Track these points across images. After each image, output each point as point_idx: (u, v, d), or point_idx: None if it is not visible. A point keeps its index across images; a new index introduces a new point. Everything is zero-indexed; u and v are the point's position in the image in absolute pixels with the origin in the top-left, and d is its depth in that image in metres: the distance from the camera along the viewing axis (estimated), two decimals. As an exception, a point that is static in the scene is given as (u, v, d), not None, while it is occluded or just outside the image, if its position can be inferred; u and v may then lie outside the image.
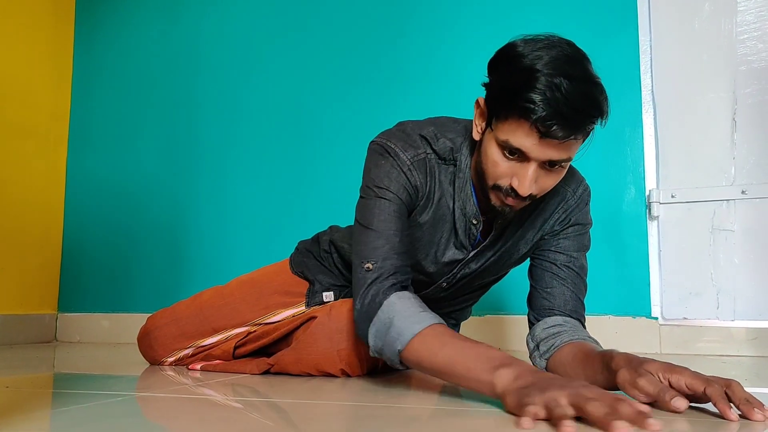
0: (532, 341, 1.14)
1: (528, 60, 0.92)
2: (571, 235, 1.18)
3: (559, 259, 1.17)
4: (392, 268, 1.03)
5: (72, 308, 2.47)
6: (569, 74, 0.91)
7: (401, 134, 1.12)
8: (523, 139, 0.93)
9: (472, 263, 1.19)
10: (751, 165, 1.84)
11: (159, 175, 2.43)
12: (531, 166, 0.96)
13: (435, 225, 1.14)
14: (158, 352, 1.38)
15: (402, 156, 1.09)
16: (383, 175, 1.10)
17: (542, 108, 0.89)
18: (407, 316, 0.96)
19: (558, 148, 0.94)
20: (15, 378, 1.20)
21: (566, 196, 1.17)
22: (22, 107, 2.35)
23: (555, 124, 0.90)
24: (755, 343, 1.78)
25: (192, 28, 2.46)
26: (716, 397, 0.75)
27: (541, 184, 1.00)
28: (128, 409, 0.80)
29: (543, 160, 0.95)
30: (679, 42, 1.94)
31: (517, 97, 0.91)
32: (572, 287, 1.15)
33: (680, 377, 0.80)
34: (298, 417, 0.77)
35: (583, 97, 0.91)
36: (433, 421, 0.75)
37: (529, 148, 0.94)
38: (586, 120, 0.93)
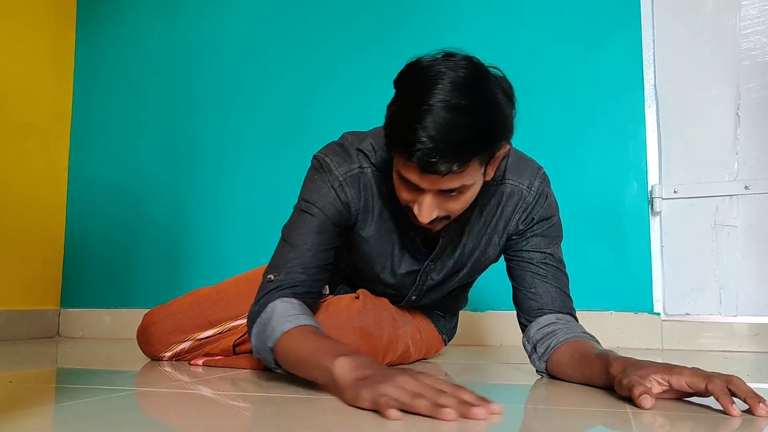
0: (528, 343, 1.14)
1: (415, 91, 0.89)
2: (538, 231, 1.17)
3: (534, 258, 1.16)
4: (292, 281, 1.06)
5: (74, 304, 2.47)
6: (453, 105, 0.87)
7: (339, 149, 1.13)
8: (409, 173, 0.93)
9: (433, 274, 1.21)
10: (754, 160, 1.84)
11: (160, 173, 2.43)
12: (426, 196, 0.95)
13: (382, 237, 1.15)
14: (156, 347, 1.39)
15: (335, 172, 1.10)
16: (313, 190, 1.12)
17: (420, 145, 0.86)
18: (283, 316, 0.99)
19: (445, 180, 0.91)
20: (18, 373, 1.20)
21: (522, 194, 1.15)
22: (24, 105, 2.35)
23: (433, 160, 0.87)
24: (757, 338, 1.77)
25: (192, 27, 2.46)
26: (718, 392, 0.75)
27: (448, 208, 0.98)
28: (130, 404, 0.80)
29: (434, 190, 0.94)
30: (682, 37, 1.93)
31: (401, 132, 0.90)
32: (555, 282, 1.15)
33: (680, 377, 0.80)
34: (297, 412, 0.77)
35: (465, 128, 0.87)
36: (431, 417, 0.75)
37: (417, 181, 0.93)
38: (469, 150, 0.89)
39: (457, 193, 0.96)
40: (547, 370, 1.10)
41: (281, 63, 2.33)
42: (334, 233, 1.11)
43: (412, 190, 0.97)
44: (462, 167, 0.89)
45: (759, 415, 0.73)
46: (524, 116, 2.12)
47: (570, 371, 1.03)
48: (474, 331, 1.99)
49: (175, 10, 2.49)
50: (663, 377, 0.81)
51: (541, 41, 2.04)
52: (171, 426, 0.69)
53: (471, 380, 1.15)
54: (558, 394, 0.93)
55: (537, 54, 2.04)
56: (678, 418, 0.73)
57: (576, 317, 1.15)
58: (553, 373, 1.08)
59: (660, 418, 0.73)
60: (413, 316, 1.36)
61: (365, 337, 1.18)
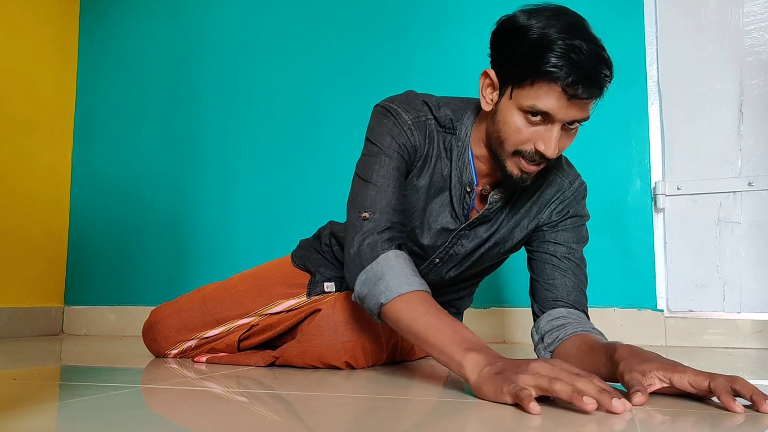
0: (536, 333, 1.15)
1: (541, 28, 0.95)
2: (569, 226, 1.19)
3: (559, 251, 1.18)
4: (388, 222, 1.06)
5: (78, 301, 2.48)
6: (583, 37, 0.94)
7: (405, 98, 1.16)
8: (552, 102, 0.96)
9: (464, 240, 1.21)
10: (757, 157, 1.83)
11: (163, 169, 2.43)
12: (556, 128, 0.99)
13: (430, 190, 1.17)
14: (162, 345, 1.39)
15: (404, 116, 1.12)
16: (385, 133, 1.13)
17: (568, 71, 0.93)
18: (399, 275, 0.99)
19: (581, 108, 0.98)
20: (22, 370, 1.21)
21: (563, 187, 1.19)
22: (28, 102, 2.36)
23: (581, 85, 0.94)
24: (761, 335, 1.77)
25: (195, 23, 2.46)
26: (720, 390, 0.75)
27: (563, 144, 1.04)
28: (134, 401, 0.80)
29: (568, 120, 0.99)
30: (685, 33, 1.93)
31: (540, 63, 0.94)
32: (574, 278, 1.16)
33: (682, 376, 0.80)
34: (302, 409, 0.77)
35: (600, 58, 0.95)
36: (435, 414, 0.75)
37: (557, 110, 0.97)
38: (605, 80, 0.97)
39: (576, 125, 1.02)
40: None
41: (284, 58, 2.33)
42: (405, 177, 1.14)
43: (536, 125, 1.00)
44: (600, 96, 0.98)
45: (765, 412, 0.72)
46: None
47: (575, 361, 1.03)
48: (477, 328, 1.99)
49: (178, 7, 2.49)
50: (665, 374, 0.81)
51: (543, 38, 2.03)
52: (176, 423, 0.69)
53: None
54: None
55: (540, 50, 2.03)
56: (681, 415, 0.73)
57: (588, 316, 1.15)
58: None
59: (663, 415, 0.73)
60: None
61: (371, 334, 1.18)
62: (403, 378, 1.08)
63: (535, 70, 0.96)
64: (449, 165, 1.16)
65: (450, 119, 1.15)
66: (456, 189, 1.16)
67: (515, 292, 1.99)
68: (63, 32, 2.55)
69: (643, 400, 0.77)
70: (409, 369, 1.22)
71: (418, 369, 1.22)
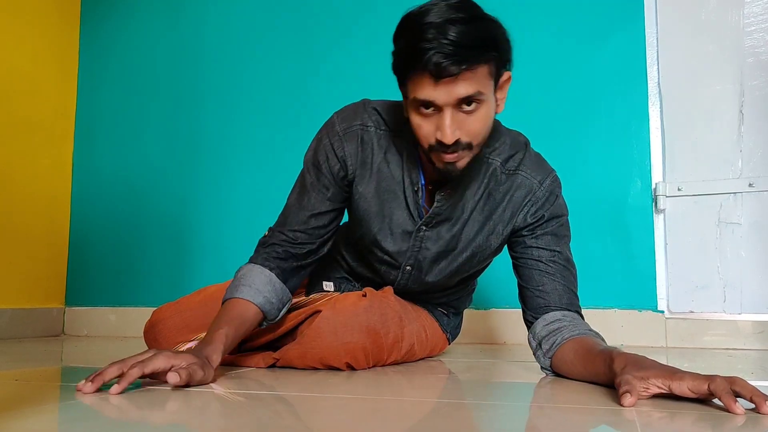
0: (534, 340, 1.15)
1: (415, 19, 0.98)
2: (549, 230, 1.18)
3: (544, 256, 1.17)
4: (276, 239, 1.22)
5: (79, 302, 2.48)
6: (452, 19, 0.96)
7: (352, 108, 1.22)
8: (426, 89, 0.99)
9: (428, 243, 1.22)
10: (758, 158, 1.83)
11: (164, 170, 2.43)
12: (446, 113, 1.00)
13: (381, 194, 1.20)
14: (162, 345, 1.39)
15: (337, 127, 1.20)
16: (311, 151, 1.24)
17: (429, 52, 0.95)
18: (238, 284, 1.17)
19: (458, 84, 0.97)
20: (23, 371, 1.21)
21: (533, 188, 1.18)
22: (29, 103, 2.36)
23: (444, 62, 0.94)
24: (762, 336, 1.77)
25: (196, 23, 2.46)
26: (720, 392, 0.75)
27: (467, 128, 1.03)
28: (135, 401, 0.81)
29: (452, 102, 0.99)
30: (685, 34, 1.93)
31: (410, 53, 0.98)
32: (563, 281, 1.15)
33: (681, 383, 0.80)
34: (302, 410, 0.77)
35: (467, 33, 0.96)
36: (435, 415, 0.75)
37: (435, 96, 0.99)
38: (476, 51, 0.97)
39: (474, 106, 1.01)
40: (552, 366, 1.10)
41: (285, 60, 2.33)
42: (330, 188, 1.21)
43: (431, 117, 1.02)
44: (471, 66, 0.97)
45: (765, 413, 0.72)
46: (528, 114, 2.13)
47: (574, 368, 1.03)
48: (478, 330, 1.99)
49: (179, 8, 2.49)
50: (664, 382, 0.81)
51: (544, 38, 2.04)
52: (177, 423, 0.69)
53: (476, 378, 1.15)
54: (562, 393, 0.93)
55: (540, 51, 2.04)
56: (682, 416, 0.73)
57: (582, 315, 1.15)
58: (558, 370, 1.08)
59: (664, 416, 0.73)
60: (418, 315, 1.36)
61: (371, 335, 1.18)
62: (403, 379, 1.08)
63: (407, 63, 1.00)
64: (400, 166, 1.18)
65: (400, 122, 1.18)
66: (408, 190, 1.18)
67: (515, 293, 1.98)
68: (64, 33, 2.55)
69: (632, 401, 0.77)
70: (409, 370, 1.22)
71: (417, 370, 1.22)
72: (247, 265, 1.21)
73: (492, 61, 1.01)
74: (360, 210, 1.23)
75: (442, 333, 1.46)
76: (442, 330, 1.46)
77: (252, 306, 1.15)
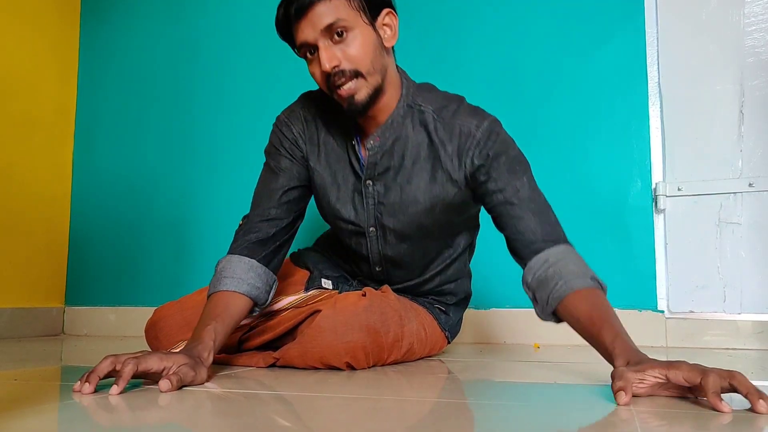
0: (528, 290, 1.15)
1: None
2: (502, 168, 1.19)
3: (507, 196, 1.18)
4: (251, 224, 1.26)
5: (79, 302, 2.48)
6: None
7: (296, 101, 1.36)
8: (296, 34, 1.13)
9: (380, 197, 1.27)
10: (758, 158, 1.83)
11: (164, 169, 2.43)
12: (320, 47, 1.11)
13: (331, 165, 1.29)
14: (163, 343, 1.39)
15: (281, 117, 1.34)
16: (269, 141, 1.35)
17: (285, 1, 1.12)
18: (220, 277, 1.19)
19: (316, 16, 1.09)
20: (23, 371, 1.21)
21: (471, 131, 1.21)
22: (29, 102, 2.36)
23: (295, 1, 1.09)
24: (762, 336, 1.77)
25: (196, 24, 2.46)
26: (708, 388, 0.75)
27: (345, 55, 1.12)
28: (135, 401, 0.81)
29: (318, 33, 1.10)
30: (685, 34, 1.93)
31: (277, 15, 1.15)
32: (533, 214, 1.16)
33: (677, 372, 0.81)
34: (303, 410, 0.77)
35: None
36: (435, 415, 0.75)
37: (302, 35, 1.12)
38: None
39: (340, 31, 1.11)
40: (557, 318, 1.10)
41: (286, 61, 2.33)
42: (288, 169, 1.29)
43: (314, 58, 1.14)
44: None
45: (759, 412, 0.72)
46: (528, 114, 2.13)
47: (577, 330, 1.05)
48: (478, 329, 1.99)
49: (179, 8, 2.49)
50: (660, 372, 0.82)
51: (544, 38, 2.04)
52: (176, 423, 0.69)
53: (475, 378, 1.15)
54: (563, 393, 0.93)
55: (540, 51, 2.03)
56: (681, 417, 0.73)
57: (565, 240, 1.15)
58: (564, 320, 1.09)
59: (663, 418, 0.73)
60: (417, 314, 1.36)
61: (372, 335, 1.18)
62: (403, 379, 1.08)
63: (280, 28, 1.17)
64: (341, 134, 1.28)
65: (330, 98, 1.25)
66: (350, 151, 1.27)
67: (516, 293, 1.98)
68: (64, 33, 2.55)
69: (626, 400, 0.78)
70: (408, 370, 1.22)
71: (417, 371, 1.22)
72: (226, 257, 1.24)
73: None
74: (317, 185, 1.31)
75: (441, 331, 1.46)
76: (441, 328, 1.46)
77: (238, 296, 1.17)
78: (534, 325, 1.90)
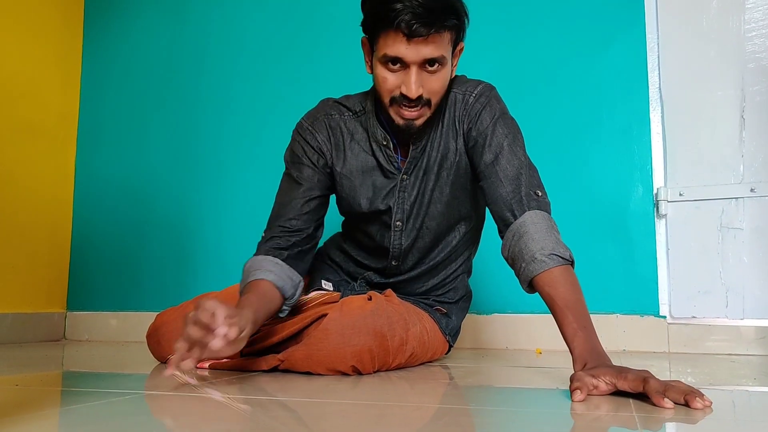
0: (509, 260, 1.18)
1: None
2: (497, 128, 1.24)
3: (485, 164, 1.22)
4: (272, 234, 1.28)
5: (80, 307, 2.48)
6: None
7: (314, 108, 1.38)
8: (396, 46, 1.11)
9: (411, 189, 1.32)
10: (759, 163, 1.83)
11: (167, 175, 2.44)
12: (412, 70, 1.13)
13: (361, 169, 1.32)
14: (165, 348, 1.39)
15: (304, 124, 1.34)
16: (288, 152, 1.36)
17: (403, 13, 1.07)
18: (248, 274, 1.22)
19: (427, 46, 1.11)
20: (24, 376, 1.21)
21: (466, 98, 1.27)
22: (32, 107, 2.37)
23: (415, 23, 1.07)
24: (764, 341, 1.77)
25: (199, 29, 2.47)
26: (651, 392, 0.82)
27: (429, 87, 1.16)
28: (136, 407, 0.80)
29: (418, 60, 1.12)
30: (686, 39, 1.93)
31: (383, 12, 1.10)
32: (507, 182, 1.19)
33: (624, 382, 0.88)
34: (307, 416, 0.77)
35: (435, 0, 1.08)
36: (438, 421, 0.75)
37: (403, 53, 1.11)
38: (442, 17, 1.10)
39: (437, 66, 1.14)
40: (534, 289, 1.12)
41: (289, 64, 2.33)
42: (312, 177, 1.31)
43: (397, 73, 1.15)
44: (439, 30, 1.10)
45: (695, 408, 0.78)
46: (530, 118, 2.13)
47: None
48: (479, 335, 1.99)
49: (182, 12, 2.50)
50: (611, 380, 0.89)
51: (546, 44, 2.04)
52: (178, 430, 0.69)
53: (477, 384, 1.15)
54: (565, 398, 0.93)
55: (542, 57, 2.04)
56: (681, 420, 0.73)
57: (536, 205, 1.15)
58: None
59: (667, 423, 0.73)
60: (420, 318, 1.36)
61: (378, 338, 1.18)
62: (406, 385, 1.08)
63: (379, 21, 1.11)
64: (368, 140, 1.31)
65: (359, 103, 1.33)
66: (378, 152, 1.30)
67: (517, 298, 1.98)
68: (67, 38, 2.56)
69: (581, 397, 0.85)
70: (411, 376, 1.22)
71: (420, 376, 1.22)
72: (252, 258, 1.26)
73: (454, 29, 1.15)
74: (345, 188, 1.34)
75: (443, 336, 1.46)
76: (442, 332, 1.46)
77: (269, 284, 1.19)
78: (536, 331, 1.90)
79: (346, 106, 1.35)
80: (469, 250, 1.49)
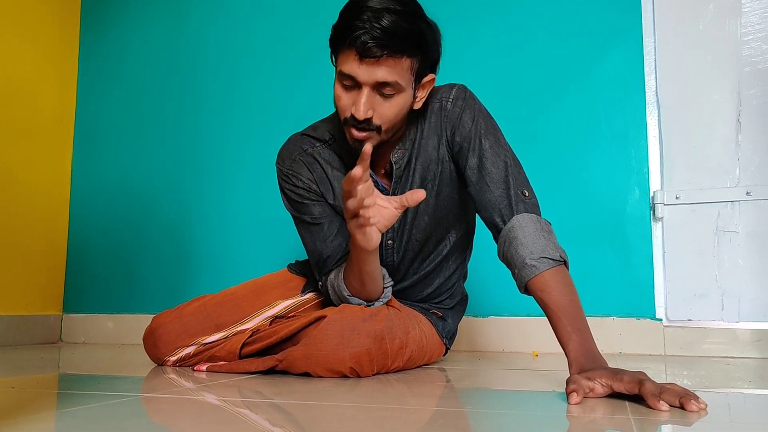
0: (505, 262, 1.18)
1: (358, 1, 1.09)
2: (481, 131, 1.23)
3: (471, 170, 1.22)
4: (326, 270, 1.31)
5: (77, 309, 2.48)
6: (390, 8, 1.07)
7: (283, 150, 1.36)
8: (351, 64, 1.10)
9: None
10: (755, 166, 1.84)
11: (164, 177, 2.44)
12: (364, 91, 1.11)
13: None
14: (161, 350, 1.39)
15: (284, 171, 1.33)
16: (286, 200, 1.35)
17: (361, 32, 1.06)
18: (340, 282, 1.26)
19: (380, 68, 1.09)
20: (20, 379, 1.21)
21: (442, 103, 1.26)
22: (28, 109, 2.36)
23: (370, 44, 1.06)
24: (760, 344, 1.77)
25: (196, 31, 2.47)
26: (646, 394, 0.83)
27: (380, 111, 1.13)
28: (133, 410, 0.80)
29: (371, 82, 1.10)
30: (683, 43, 1.94)
31: (345, 29, 1.09)
32: (494, 187, 1.19)
33: (620, 384, 0.88)
34: (304, 419, 0.77)
35: (398, 24, 1.06)
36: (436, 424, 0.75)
37: (356, 71, 1.10)
38: (402, 43, 1.08)
39: (391, 92, 1.11)
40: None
41: (287, 65, 2.33)
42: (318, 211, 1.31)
43: (351, 92, 1.13)
44: (395, 55, 1.08)
45: (690, 410, 0.79)
46: (527, 122, 2.13)
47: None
48: (476, 338, 1.99)
49: (180, 14, 2.50)
50: (606, 381, 0.90)
51: (543, 48, 2.05)
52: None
53: (473, 386, 1.15)
54: (561, 401, 0.93)
55: (539, 61, 2.04)
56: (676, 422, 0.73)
57: (526, 207, 1.16)
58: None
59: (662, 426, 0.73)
60: (418, 321, 1.37)
61: (378, 341, 1.18)
62: (404, 387, 1.08)
63: (340, 37, 1.11)
64: (346, 165, 1.30)
65: (327, 132, 1.32)
66: None
67: (514, 301, 1.98)
68: (64, 40, 2.56)
69: (578, 400, 0.85)
70: (409, 379, 1.22)
71: (418, 379, 1.22)
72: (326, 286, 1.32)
73: (416, 57, 1.12)
74: (341, 217, 1.32)
75: (440, 339, 1.46)
76: (439, 335, 1.46)
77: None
78: (532, 333, 1.91)
79: (314, 137, 1.34)
80: (462, 256, 1.47)
